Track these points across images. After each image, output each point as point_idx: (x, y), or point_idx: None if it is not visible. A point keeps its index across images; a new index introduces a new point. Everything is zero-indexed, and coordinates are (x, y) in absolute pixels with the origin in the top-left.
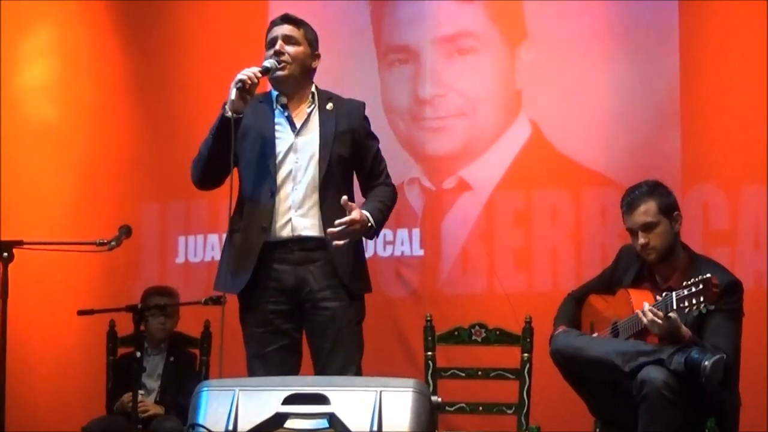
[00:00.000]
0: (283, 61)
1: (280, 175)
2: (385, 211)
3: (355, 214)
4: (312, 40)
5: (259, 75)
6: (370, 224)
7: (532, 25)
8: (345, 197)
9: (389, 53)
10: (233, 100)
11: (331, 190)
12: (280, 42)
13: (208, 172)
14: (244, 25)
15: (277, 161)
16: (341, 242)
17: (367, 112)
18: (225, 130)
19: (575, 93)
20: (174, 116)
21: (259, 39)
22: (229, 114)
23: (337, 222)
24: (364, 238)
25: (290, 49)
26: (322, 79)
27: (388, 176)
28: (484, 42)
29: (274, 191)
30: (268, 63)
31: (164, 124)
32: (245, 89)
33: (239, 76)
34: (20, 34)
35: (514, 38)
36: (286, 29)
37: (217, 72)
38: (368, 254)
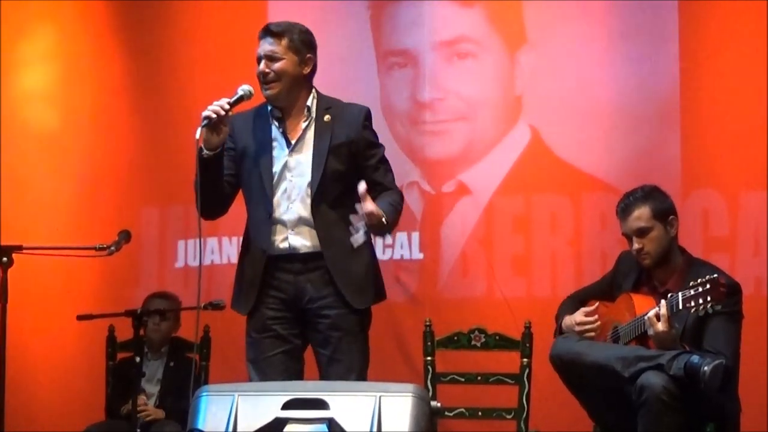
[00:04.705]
0: (270, 81)
1: (277, 195)
2: (395, 211)
3: (370, 206)
4: (298, 46)
5: (227, 107)
6: (384, 219)
7: (532, 30)
8: (364, 186)
9: (388, 57)
10: (205, 139)
11: (324, 206)
12: (263, 62)
13: (208, 207)
14: (243, 29)
15: (273, 181)
16: (361, 240)
17: None
18: (207, 169)
19: (575, 98)
20: (174, 120)
21: (257, 42)
22: (206, 153)
23: (353, 219)
24: (374, 239)
25: (274, 66)
26: (321, 83)
27: (393, 184)
28: (484, 46)
29: (270, 212)
30: (242, 90)
31: (164, 129)
32: (212, 125)
33: (204, 113)
34: (19, 38)
35: (514, 43)
36: (267, 47)
37: (217, 75)
38: None
